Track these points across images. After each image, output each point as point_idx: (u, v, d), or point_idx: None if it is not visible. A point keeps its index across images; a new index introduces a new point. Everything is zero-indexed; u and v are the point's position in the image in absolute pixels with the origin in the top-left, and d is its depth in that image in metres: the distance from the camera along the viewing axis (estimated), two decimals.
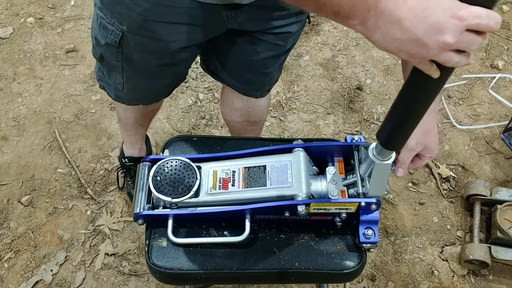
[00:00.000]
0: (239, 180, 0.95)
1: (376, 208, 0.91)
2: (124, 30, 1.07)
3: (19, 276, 1.62)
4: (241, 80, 1.33)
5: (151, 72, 1.19)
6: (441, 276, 1.70)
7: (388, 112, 0.77)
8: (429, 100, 0.70)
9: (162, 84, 1.27)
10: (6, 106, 2.01)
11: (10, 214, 1.74)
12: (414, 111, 0.72)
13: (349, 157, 0.99)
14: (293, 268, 0.95)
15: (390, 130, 0.77)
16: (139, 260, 1.67)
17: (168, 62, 1.16)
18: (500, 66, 2.24)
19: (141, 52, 1.13)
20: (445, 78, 0.66)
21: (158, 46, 1.09)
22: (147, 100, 1.37)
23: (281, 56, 1.26)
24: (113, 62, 1.19)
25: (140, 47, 1.11)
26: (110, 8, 1.07)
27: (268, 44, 1.19)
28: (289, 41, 1.21)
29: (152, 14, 1.03)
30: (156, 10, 1.02)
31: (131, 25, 1.06)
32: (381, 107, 2.09)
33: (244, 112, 1.47)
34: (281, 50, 1.23)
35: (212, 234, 0.97)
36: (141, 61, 1.15)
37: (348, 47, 2.28)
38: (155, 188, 0.93)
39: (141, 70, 1.19)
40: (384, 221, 1.80)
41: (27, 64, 2.14)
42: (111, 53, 1.16)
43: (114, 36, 1.10)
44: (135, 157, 1.71)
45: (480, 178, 1.91)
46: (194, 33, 1.08)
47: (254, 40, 1.17)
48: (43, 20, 2.29)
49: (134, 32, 1.07)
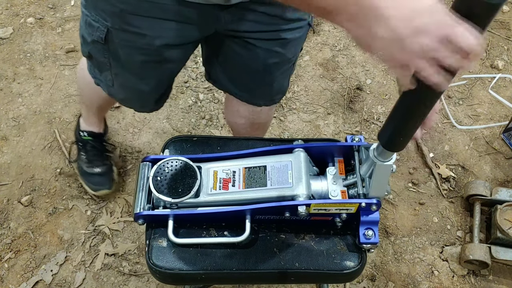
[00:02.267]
0: (239, 180, 0.95)
1: (376, 209, 0.91)
2: (109, 26, 1.07)
3: (19, 276, 1.62)
4: (242, 88, 1.32)
5: (137, 70, 1.19)
6: (441, 276, 1.70)
7: (389, 113, 0.76)
8: (432, 101, 0.70)
9: (148, 85, 1.25)
10: (6, 106, 2.01)
11: (10, 214, 1.74)
12: (416, 113, 0.72)
13: (350, 157, 0.99)
14: (293, 268, 0.95)
15: (392, 131, 0.77)
16: (139, 260, 1.67)
17: (154, 59, 1.15)
18: (500, 66, 2.24)
19: (127, 48, 1.12)
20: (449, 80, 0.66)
21: (143, 42, 1.09)
22: (135, 103, 1.36)
23: (282, 65, 1.24)
24: (101, 59, 1.19)
25: (125, 43, 1.11)
26: (94, 5, 1.08)
27: (265, 51, 1.17)
28: (288, 48, 1.19)
29: (136, 9, 1.03)
30: (139, 5, 1.02)
31: (115, 21, 1.06)
32: (381, 107, 2.09)
33: (248, 119, 1.46)
34: (281, 58, 1.21)
35: (212, 234, 0.97)
36: (128, 57, 1.15)
37: (348, 47, 2.28)
38: (155, 188, 0.93)
39: (127, 67, 1.18)
40: (384, 221, 1.80)
41: (27, 64, 2.14)
42: (98, 50, 1.16)
43: (100, 33, 1.10)
44: (95, 133, 1.72)
45: (480, 178, 1.91)
46: (180, 30, 1.08)
47: (251, 47, 1.16)
48: (43, 20, 2.29)
49: (119, 28, 1.07)
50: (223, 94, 2.09)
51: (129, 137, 1.95)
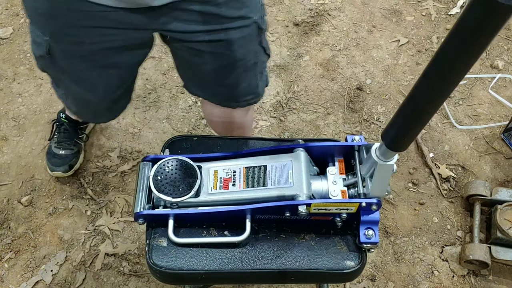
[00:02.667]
0: (239, 180, 0.95)
1: (376, 209, 0.91)
2: (48, 41, 1.10)
3: (19, 276, 1.62)
4: (208, 92, 1.31)
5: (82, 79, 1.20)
6: (441, 276, 1.70)
7: (395, 113, 0.76)
8: (439, 102, 0.70)
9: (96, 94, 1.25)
10: (6, 106, 2.01)
11: (10, 214, 1.74)
12: (423, 113, 0.72)
13: (350, 157, 0.99)
14: (294, 268, 0.95)
15: (397, 131, 0.76)
16: (139, 260, 1.67)
17: (97, 65, 1.16)
18: (500, 66, 2.25)
19: (68, 58, 1.15)
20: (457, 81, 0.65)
21: (82, 50, 1.11)
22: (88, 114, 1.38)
23: (235, 67, 1.20)
24: (52, 73, 1.23)
25: (66, 54, 1.14)
26: (34, 21, 1.11)
27: (210, 55, 1.16)
28: (234, 49, 1.15)
29: (68, 21, 1.05)
30: (69, 16, 1.03)
31: (53, 35, 1.09)
32: (381, 107, 2.09)
33: (224, 120, 1.43)
34: (229, 59, 1.17)
35: (212, 234, 0.97)
36: (71, 67, 1.17)
37: (348, 47, 2.28)
38: (155, 187, 0.93)
39: (73, 78, 1.21)
40: (384, 221, 1.80)
41: (27, 64, 2.14)
42: (47, 64, 1.19)
43: (43, 48, 1.12)
44: (72, 119, 1.78)
45: (480, 178, 1.91)
46: (116, 35, 1.08)
47: (197, 52, 1.15)
48: None
49: (57, 40, 1.10)
50: None
51: (129, 137, 1.95)
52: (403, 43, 2.29)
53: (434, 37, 2.32)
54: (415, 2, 2.45)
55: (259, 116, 2.04)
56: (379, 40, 2.30)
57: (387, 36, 2.32)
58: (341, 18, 2.38)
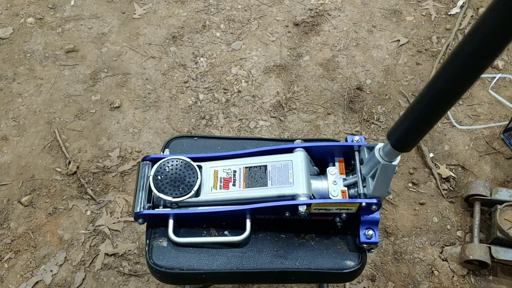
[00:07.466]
0: (240, 179, 0.95)
1: (377, 209, 0.91)
2: None
3: (19, 276, 1.62)
4: None
5: None
6: (441, 276, 1.70)
7: (403, 113, 0.75)
8: (453, 102, 0.69)
9: None
10: (6, 106, 2.01)
11: (10, 214, 1.74)
12: (434, 114, 0.71)
13: (350, 157, 0.99)
14: (294, 268, 0.95)
15: (404, 131, 0.76)
16: (139, 260, 1.67)
17: None
18: (500, 66, 2.25)
19: None
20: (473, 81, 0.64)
21: None
22: None
23: None
24: None
25: None
26: None
27: None
28: None
29: None
30: None
31: None
32: (381, 107, 2.09)
33: None
34: None
35: (212, 234, 0.97)
36: None
37: (348, 47, 2.28)
38: (155, 187, 0.93)
39: None
40: (384, 221, 1.80)
41: (27, 64, 2.14)
42: None
43: None
44: None
45: (480, 178, 1.91)
46: None
47: None
48: (43, 20, 2.29)
49: None
50: (223, 94, 2.09)
51: (129, 137, 1.95)
52: (403, 43, 2.29)
53: (434, 37, 2.32)
54: (415, 2, 2.45)
55: (259, 116, 2.04)
56: (379, 40, 2.30)
57: (387, 36, 2.32)
58: (341, 18, 2.38)
